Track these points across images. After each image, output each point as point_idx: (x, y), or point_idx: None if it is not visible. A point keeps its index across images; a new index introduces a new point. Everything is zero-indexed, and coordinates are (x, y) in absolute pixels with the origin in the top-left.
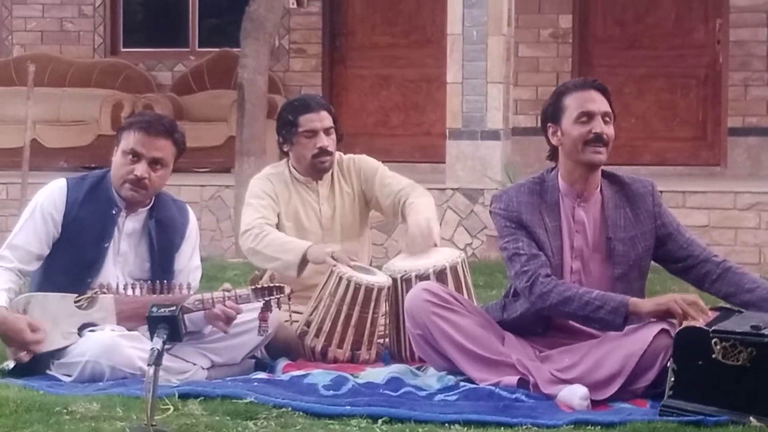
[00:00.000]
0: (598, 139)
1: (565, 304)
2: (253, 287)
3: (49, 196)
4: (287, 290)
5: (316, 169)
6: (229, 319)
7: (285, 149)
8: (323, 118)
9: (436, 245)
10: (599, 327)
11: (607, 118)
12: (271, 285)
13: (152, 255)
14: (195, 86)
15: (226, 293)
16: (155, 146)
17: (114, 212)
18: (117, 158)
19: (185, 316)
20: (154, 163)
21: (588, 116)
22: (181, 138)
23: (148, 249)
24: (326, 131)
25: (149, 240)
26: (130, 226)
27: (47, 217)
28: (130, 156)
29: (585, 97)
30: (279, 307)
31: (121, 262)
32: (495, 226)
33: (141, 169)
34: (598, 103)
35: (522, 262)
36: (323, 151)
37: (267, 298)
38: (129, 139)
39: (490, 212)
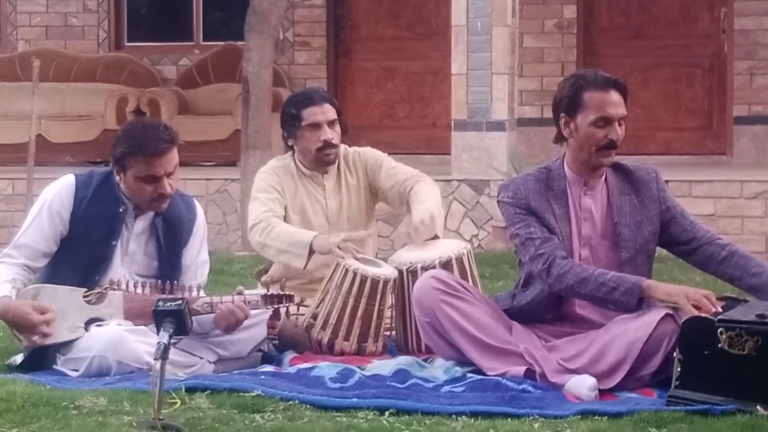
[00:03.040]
0: (612, 146)
1: (581, 285)
2: (263, 294)
3: (58, 193)
4: (297, 299)
5: (321, 162)
6: (236, 323)
7: (289, 143)
8: (326, 111)
9: (437, 237)
10: (614, 308)
11: (622, 121)
12: (281, 293)
13: (160, 253)
14: (200, 80)
15: (236, 297)
16: (168, 161)
17: (122, 210)
18: (131, 184)
19: (193, 318)
20: (170, 174)
21: (606, 121)
22: (178, 137)
23: (155, 247)
24: (330, 124)
25: (156, 238)
26: (139, 226)
27: (55, 215)
28: (147, 180)
29: (606, 99)
30: (288, 316)
31: (129, 262)
32: (504, 215)
33: (165, 186)
34: (617, 106)
35: (536, 245)
36: (328, 144)
37: (276, 306)
38: (139, 167)
39: (498, 202)
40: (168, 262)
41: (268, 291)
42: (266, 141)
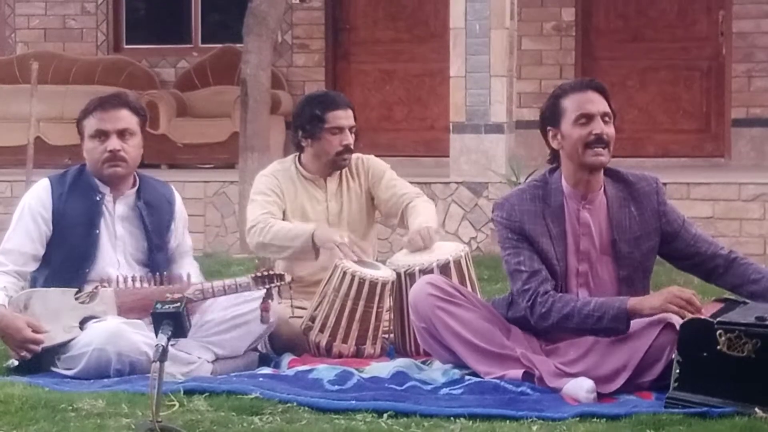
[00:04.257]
0: (599, 141)
1: (566, 320)
2: (253, 275)
3: (36, 196)
4: (287, 278)
5: (336, 165)
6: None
7: (304, 144)
8: (349, 116)
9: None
10: (605, 335)
11: (607, 118)
12: (272, 273)
13: (147, 235)
14: (198, 82)
15: (226, 282)
16: (116, 118)
17: (98, 198)
18: (87, 147)
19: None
20: (122, 134)
21: (587, 118)
22: (138, 105)
23: (142, 230)
24: (350, 129)
25: (142, 221)
26: (120, 209)
27: (37, 216)
28: (98, 138)
29: (583, 98)
30: (280, 295)
31: (121, 246)
32: (497, 234)
33: (112, 143)
34: (597, 103)
35: (523, 279)
36: (347, 149)
37: (268, 286)
38: (90, 124)
39: (492, 219)
40: (157, 244)
41: (257, 272)
42: (264, 143)
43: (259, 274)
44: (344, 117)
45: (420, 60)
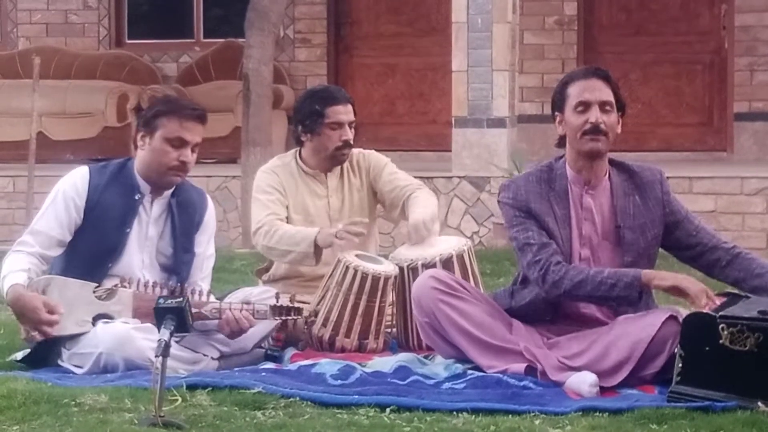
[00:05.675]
0: (595, 129)
1: (579, 287)
2: (271, 305)
3: (72, 182)
4: (305, 312)
5: (335, 161)
6: (240, 330)
7: (304, 139)
8: (349, 111)
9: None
10: (617, 304)
11: (608, 107)
12: (290, 305)
13: (174, 235)
14: (200, 77)
15: (245, 305)
16: (198, 132)
17: (137, 198)
18: (157, 145)
19: (201, 322)
20: (194, 147)
21: (584, 105)
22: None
23: (171, 229)
24: (350, 124)
25: (171, 220)
26: (157, 210)
27: (69, 203)
28: (172, 143)
29: (585, 86)
30: (294, 328)
31: (149, 246)
32: (503, 215)
33: (189, 155)
34: (597, 92)
35: (533, 251)
36: (347, 144)
37: (284, 318)
38: (172, 127)
39: (498, 202)
40: (182, 245)
41: (277, 302)
42: (267, 138)
43: (278, 304)
44: (344, 112)
45: (422, 54)
